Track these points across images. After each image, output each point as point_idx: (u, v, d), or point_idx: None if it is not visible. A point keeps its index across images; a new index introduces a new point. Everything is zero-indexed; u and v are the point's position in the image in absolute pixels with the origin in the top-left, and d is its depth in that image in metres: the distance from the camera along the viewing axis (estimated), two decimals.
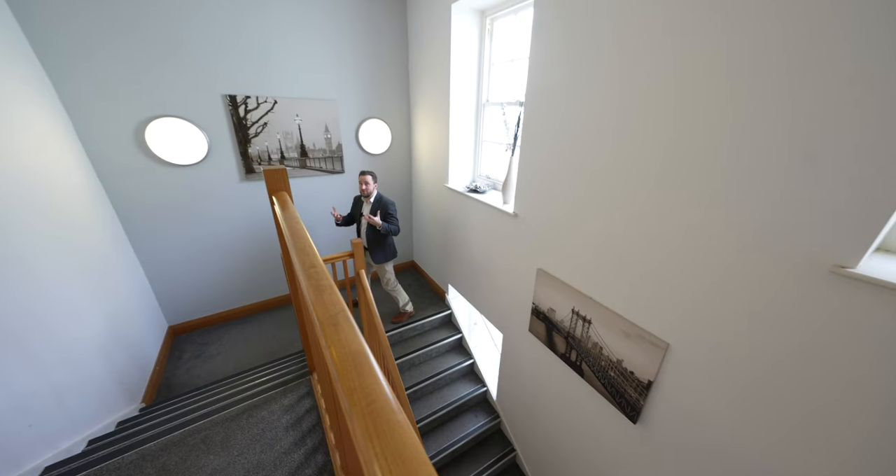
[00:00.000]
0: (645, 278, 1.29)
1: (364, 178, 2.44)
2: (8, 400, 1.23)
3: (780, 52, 0.86)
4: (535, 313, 1.93)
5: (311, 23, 2.53)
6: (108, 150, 2.18)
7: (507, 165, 2.07)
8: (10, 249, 1.36)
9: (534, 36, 1.56)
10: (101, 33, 1.96)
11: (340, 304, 0.52)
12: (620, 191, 1.33)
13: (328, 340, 0.44)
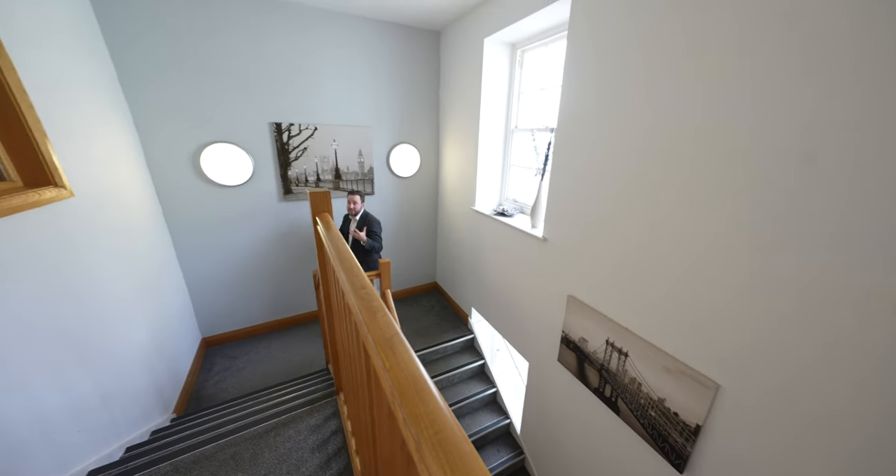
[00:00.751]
0: (689, 310, 1.22)
1: (353, 198, 2.59)
2: (68, 402, 1.31)
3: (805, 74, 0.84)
4: (564, 342, 1.85)
5: (352, 58, 2.76)
6: (168, 171, 2.41)
7: (537, 190, 2.08)
8: (80, 260, 1.50)
9: (566, 66, 1.62)
10: (174, 67, 2.23)
11: (394, 327, 0.53)
12: (657, 215, 1.29)
13: (386, 363, 0.45)
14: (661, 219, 1.28)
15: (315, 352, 2.85)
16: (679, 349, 1.26)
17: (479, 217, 2.76)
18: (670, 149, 1.22)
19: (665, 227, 1.27)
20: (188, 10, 2.17)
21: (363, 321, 0.57)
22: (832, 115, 0.85)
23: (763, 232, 1.00)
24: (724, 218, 1.09)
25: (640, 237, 1.37)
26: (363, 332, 0.57)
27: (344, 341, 1.08)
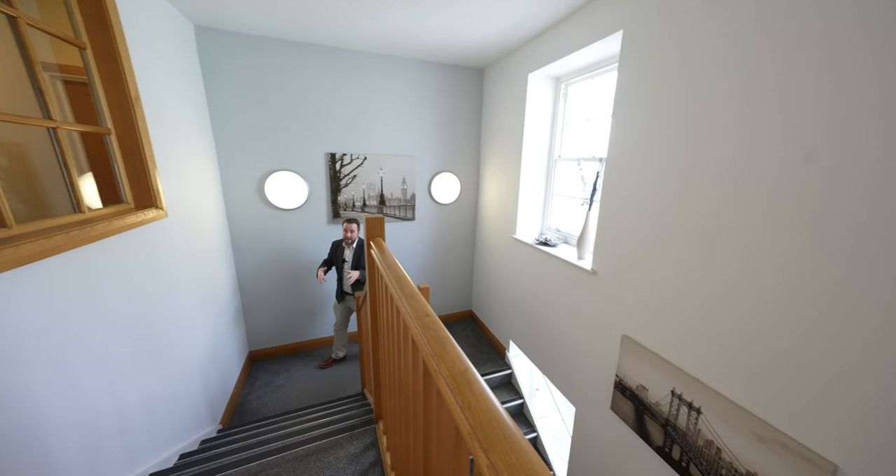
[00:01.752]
0: (784, 363, 1.06)
1: (350, 227, 2.59)
2: (142, 403, 1.42)
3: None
4: (619, 388, 1.67)
5: (401, 95, 3.00)
6: (238, 195, 2.70)
7: (584, 220, 2.02)
8: (165, 272, 1.69)
9: (617, 98, 1.62)
10: (252, 107, 2.57)
11: (466, 360, 0.51)
12: (732, 252, 1.18)
13: (464, 401, 0.43)
14: (739, 255, 1.16)
15: (351, 374, 2.85)
16: (776, 414, 1.07)
17: (519, 246, 2.72)
18: (741, 179, 1.14)
19: (747, 266, 1.15)
20: (273, 61, 2.54)
21: (431, 352, 0.56)
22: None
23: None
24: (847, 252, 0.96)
25: (711, 275, 1.25)
26: (431, 364, 0.56)
27: (393, 369, 1.07)
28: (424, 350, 0.61)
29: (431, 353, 0.56)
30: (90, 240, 1.19)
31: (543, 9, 1.86)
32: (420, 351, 0.65)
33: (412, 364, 0.77)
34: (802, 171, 0.99)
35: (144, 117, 1.59)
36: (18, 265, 0.89)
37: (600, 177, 1.91)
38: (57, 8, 1.36)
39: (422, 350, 0.62)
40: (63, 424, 1.03)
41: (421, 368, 0.67)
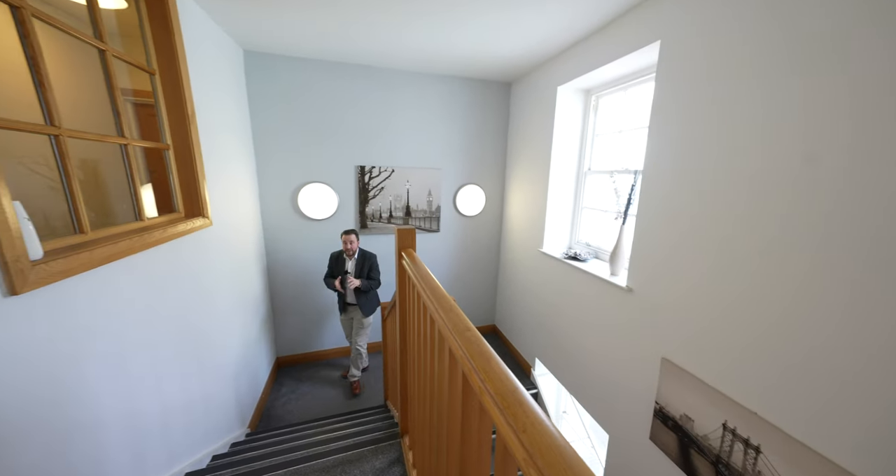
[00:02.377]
0: (864, 395, 0.94)
1: (349, 238, 2.52)
2: (183, 403, 1.49)
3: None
4: (659, 417, 1.55)
5: (429, 109, 3.08)
6: (273, 207, 2.85)
7: (617, 234, 1.94)
8: (209, 277, 1.79)
9: (654, 110, 1.58)
10: (290, 123, 2.74)
11: (514, 378, 0.49)
12: (798, 264, 1.08)
13: (518, 423, 0.41)
14: (804, 272, 1.06)
15: (374, 385, 2.84)
16: (860, 460, 0.93)
17: (546, 260, 2.65)
18: (797, 193, 1.05)
19: (814, 285, 1.05)
20: (310, 79, 2.70)
21: (475, 368, 0.55)
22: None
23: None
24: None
25: (768, 295, 1.15)
26: (475, 381, 0.54)
27: (423, 384, 1.05)
28: (466, 365, 0.59)
29: (475, 368, 0.54)
30: (148, 246, 1.28)
31: (575, 22, 1.87)
32: (460, 366, 0.63)
33: (448, 379, 0.75)
34: (863, 183, 0.90)
35: (198, 133, 1.73)
36: (91, 268, 0.98)
37: (635, 190, 1.84)
38: (134, 40, 1.53)
39: (462, 365, 0.60)
40: (114, 422, 1.09)
41: (460, 384, 0.66)
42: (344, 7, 1.83)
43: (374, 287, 2.60)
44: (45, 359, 0.85)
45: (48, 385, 0.86)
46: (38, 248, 0.82)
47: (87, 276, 0.99)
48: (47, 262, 0.83)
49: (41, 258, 0.83)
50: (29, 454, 0.80)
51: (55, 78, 0.99)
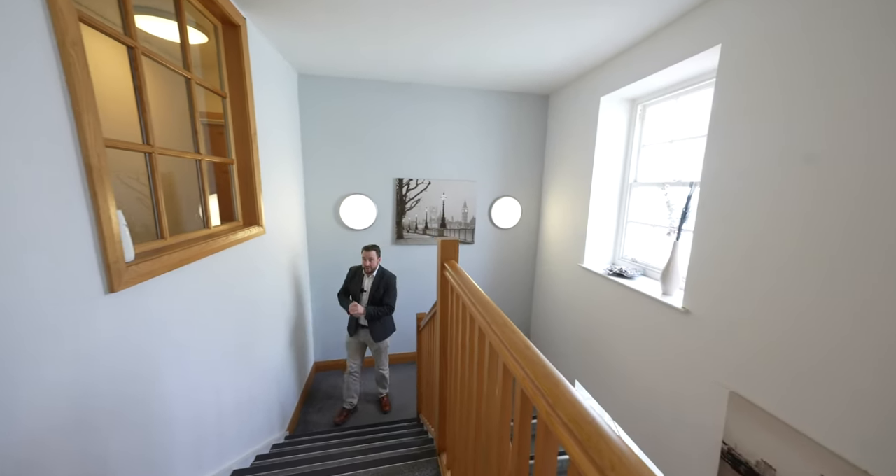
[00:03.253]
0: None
1: (370, 255, 2.38)
2: (234, 401, 1.57)
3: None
4: (728, 459, 1.37)
5: (465, 123, 3.13)
6: (317, 217, 3.01)
7: (671, 251, 1.80)
8: (261, 280, 1.91)
9: (714, 118, 1.47)
10: (333, 138, 2.90)
11: (588, 405, 0.46)
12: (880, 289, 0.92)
13: (602, 459, 0.37)
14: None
15: (407, 396, 2.82)
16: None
17: (588, 276, 2.52)
18: (880, 205, 0.91)
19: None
20: (354, 97, 2.87)
21: (540, 392, 0.51)
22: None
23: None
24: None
25: (869, 326, 0.99)
26: (541, 405, 0.51)
27: (467, 402, 1.02)
28: (529, 388, 0.56)
29: (541, 392, 0.51)
30: (213, 251, 1.40)
31: (623, 32, 1.83)
32: (519, 387, 0.60)
33: (501, 400, 0.72)
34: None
35: (258, 149, 1.89)
36: (169, 270, 1.08)
37: (691, 203, 1.71)
38: (211, 68, 1.73)
39: (525, 387, 0.57)
40: (180, 415, 1.17)
41: (518, 408, 0.62)
42: (392, 35, 1.94)
43: (382, 314, 2.39)
44: (131, 353, 0.94)
45: (131, 378, 0.94)
46: (131, 252, 0.92)
47: (166, 277, 1.09)
48: (137, 264, 0.93)
49: (132, 260, 0.93)
50: (115, 442, 0.87)
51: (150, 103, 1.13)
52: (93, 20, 0.88)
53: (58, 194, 0.73)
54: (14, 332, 0.64)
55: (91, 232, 0.79)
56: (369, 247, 2.43)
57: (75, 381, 0.77)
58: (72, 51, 0.74)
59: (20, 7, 0.66)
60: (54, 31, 0.72)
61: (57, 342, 0.72)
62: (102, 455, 0.84)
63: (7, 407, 0.62)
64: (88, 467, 0.80)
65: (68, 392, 0.75)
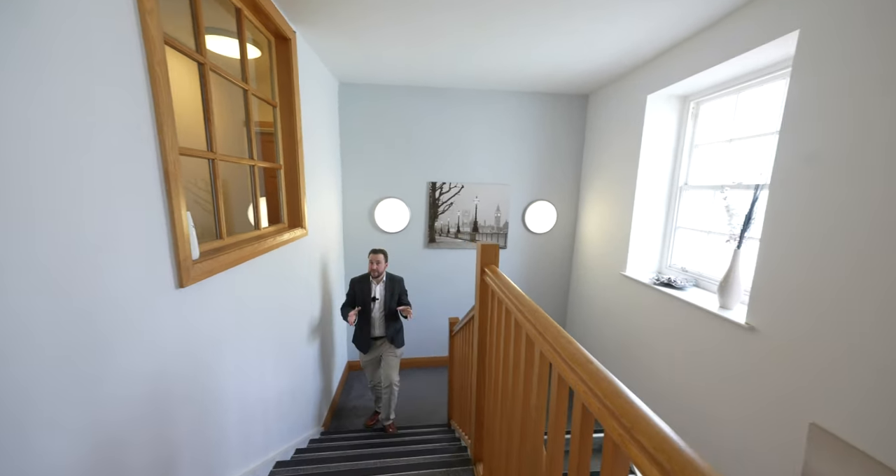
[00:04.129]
0: None
1: (377, 258, 2.21)
2: (276, 395, 1.65)
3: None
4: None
5: (500, 126, 3.09)
6: (353, 219, 3.11)
7: (730, 260, 1.64)
8: (302, 280, 1.99)
9: (788, 111, 1.32)
10: (369, 143, 2.98)
11: (667, 427, 0.41)
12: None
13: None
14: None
15: (437, 400, 2.81)
16: None
17: (631, 285, 2.37)
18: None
19: None
20: (391, 104, 2.95)
21: (614, 411, 0.47)
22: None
23: None
24: None
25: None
26: (612, 426, 0.47)
27: (511, 413, 0.98)
28: (594, 404, 0.52)
29: (614, 412, 0.47)
30: (263, 251, 1.48)
31: (676, 24, 1.71)
32: (585, 403, 0.56)
33: (555, 415, 0.68)
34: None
35: (303, 155, 1.99)
36: (227, 268, 1.15)
37: (756, 207, 1.55)
38: (263, 80, 1.85)
39: (590, 404, 0.53)
40: (233, 404, 1.24)
41: (578, 422, 0.58)
42: (433, 41, 1.96)
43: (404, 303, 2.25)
44: (195, 344, 1.01)
45: (195, 367, 1.01)
46: (196, 251, 0.99)
47: (223, 275, 1.17)
48: (201, 262, 1.00)
49: (198, 259, 1.01)
50: (180, 426, 0.94)
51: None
52: (173, 41, 0.97)
53: (144, 196, 0.80)
54: (107, 322, 0.71)
55: (166, 231, 0.86)
56: (377, 250, 2.25)
57: (153, 369, 0.84)
58: (157, 69, 0.82)
59: (122, 32, 0.74)
60: (145, 52, 0.80)
61: (138, 333, 0.79)
62: (171, 437, 0.90)
63: (97, 393, 0.69)
64: (160, 450, 0.87)
65: (147, 378, 0.82)
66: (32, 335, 0.57)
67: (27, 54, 0.56)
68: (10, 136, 0.53)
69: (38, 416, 0.58)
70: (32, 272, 0.57)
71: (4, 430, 0.53)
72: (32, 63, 0.56)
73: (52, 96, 0.60)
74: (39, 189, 0.58)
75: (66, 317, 0.62)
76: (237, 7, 1.42)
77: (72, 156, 0.64)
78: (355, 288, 2.29)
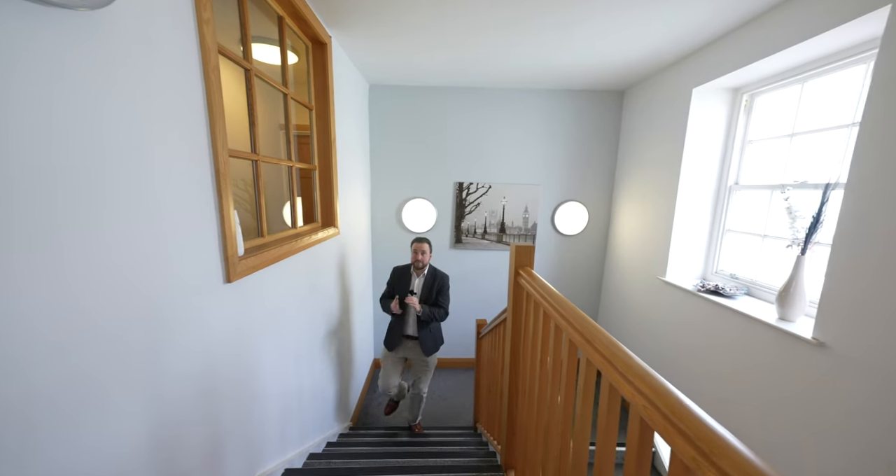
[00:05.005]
0: None
1: (422, 247, 1.96)
2: (310, 389, 1.71)
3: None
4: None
5: (530, 125, 3.01)
6: (381, 219, 3.15)
7: (793, 267, 1.49)
8: (332, 280, 2.05)
9: (871, 98, 1.17)
10: (397, 143, 3.01)
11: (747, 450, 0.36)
12: None
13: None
14: None
15: (461, 403, 2.78)
16: None
17: (670, 291, 2.22)
18: None
19: None
20: (420, 104, 2.96)
21: (682, 431, 0.43)
22: None
23: None
24: None
25: None
26: (685, 448, 0.42)
27: (548, 421, 0.94)
28: (657, 422, 0.47)
29: (687, 432, 0.42)
30: (299, 249, 1.53)
31: (730, 8, 1.58)
32: (644, 417, 0.51)
33: (605, 427, 0.63)
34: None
35: (337, 156, 2.04)
36: (266, 265, 1.19)
37: (826, 209, 1.39)
38: (299, 84, 1.92)
39: (654, 421, 0.49)
40: (272, 396, 1.29)
41: (636, 436, 0.53)
42: (466, 41, 1.94)
43: (437, 318, 2.00)
44: (239, 337, 1.06)
45: (239, 359, 1.06)
46: (241, 248, 1.04)
47: (264, 271, 1.22)
48: (246, 259, 1.04)
49: (243, 255, 1.05)
50: (225, 416, 0.98)
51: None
52: (224, 49, 1.02)
53: (200, 196, 0.85)
54: (167, 316, 0.75)
55: (216, 229, 0.91)
56: (421, 239, 2.03)
57: (203, 359, 0.88)
58: (212, 75, 0.86)
59: (184, 41, 0.79)
60: (202, 60, 0.84)
61: (191, 325, 0.84)
62: (220, 419, 0.95)
63: (157, 382, 0.73)
64: (211, 428, 0.92)
65: (199, 368, 0.86)
66: (106, 326, 0.61)
67: (104, 66, 0.60)
68: (88, 141, 0.58)
69: (113, 398, 0.62)
70: (107, 271, 0.61)
71: (87, 409, 0.57)
72: (109, 74, 0.61)
73: (123, 104, 0.64)
74: (111, 194, 0.62)
75: (135, 311, 0.67)
76: (279, 15, 1.48)
77: (144, 161, 0.68)
78: (395, 276, 2.10)
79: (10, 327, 0.47)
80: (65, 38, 0.53)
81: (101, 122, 0.60)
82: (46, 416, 0.52)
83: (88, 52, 0.57)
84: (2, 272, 0.46)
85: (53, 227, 0.52)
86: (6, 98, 0.46)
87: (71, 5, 0.51)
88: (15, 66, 0.47)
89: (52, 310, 0.52)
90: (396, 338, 2.04)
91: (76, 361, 0.56)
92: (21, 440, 0.49)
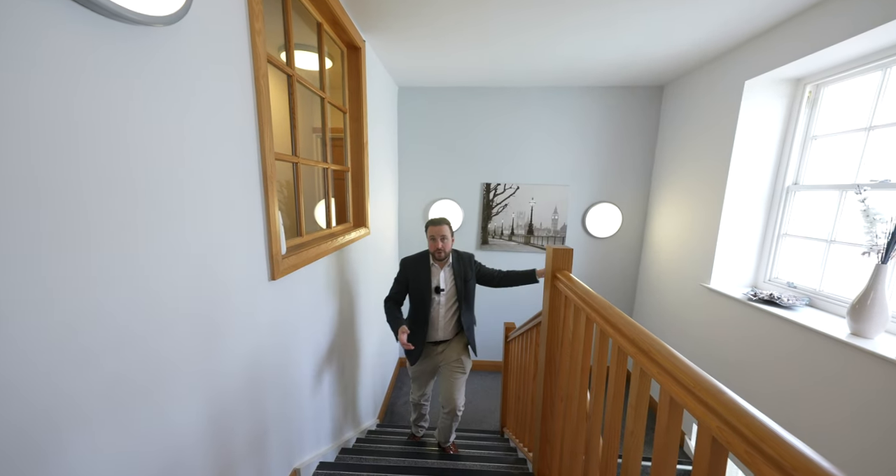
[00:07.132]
0: None
1: (440, 230, 1.53)
2: (343, 381, 1.75)
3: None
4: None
5: (561, 124, 2.92)
6: (408, 220, 3.18)
7: (870, 277, 1.33)
8: (363, 278, 2.09)
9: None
10: (425, 144, 3.03)
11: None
12: None
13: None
14: None
15: (489, 406, 2.74)
16: None
17: (716, 300, 2.06)
18: None
19: None
20: (448, 105, 2.96)
21: (767, 454, 0.38)
22: None
23: None
24: None
25: None
26: (759, 465, 0.38)
27: (588, 431, 0.89)
28: (737, 447, 0.43)
29: (788, 466, 0.38)
30: (334, 249, 1.56)
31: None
32: (716, 436, 0.47)
33: (664, 445, 0.59)
34: None
35: (368, 158, 2.08)
36: (305, 264, 1.23)
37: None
38: (334, 88, 1.97)
39: (732, 446, 0.44)
40: (308, 387, 1.33)
41: (706, 462, 0.49)
42: (497, 41, 1.92)
43: (504, 283, 1.62)
44: (283, 330, 1.10)
45: (282, 351, 1.10)
46: (284, 246, 1.08)
47: (303, 269, 1.26)
48: (288, 257, 1.08)
49: (285, 254, 1.09)
50: (270, 404, 1.03)
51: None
52: (272, 58, 1.07)
53: (249, 197, 0.89)
54: (221, 311, 0.79)
55: (263, 229, 0.94)
56: (438, 220, 1.57)
57: (250, 351, 0.92)
58: (261, 82, 0.90)
59: (238, 50, 0.84)
60: (253, 68, 0.88)
61: (241, 320, 0.88)
62: (265, 407, 0.99)
63: (212, 372, 0.77)
64: (256, 417, 0.96)
65: (246, 359, 0.91)
66: (173, 322, 0.65)
67: (179, 76, 0.64)
68: (164, 149, 0.62)
69: (177, 386, 0.66)
70: (176, 265, 0.65)
71: (150, 400, 0.61)
72: (184, 84, 0.65)
73: (193, 109, 0.68)
74: (188, 201, 0.66)
75: (196, 305, 0.71)
76: (318, 21, 1.53)
77: (209, 168, 0.72)
78: (408, 272, 1.63)
79: (93, 318, 0.51)
80: (137, 54, 0.57)
81: (180, 132, 0.64)
82: (132, 396, 0.57)
83: (163, 67, 0.61)
84: (92, 270, 0.50)
85: (149, 228, 0.58)
86: (121, 110, 0.50)
87: (148, 22, 0.55)
88: (119, 83, 0.51)
89: (133, 303, 0.57)
90: (418, 350, 1.62)
91: (154, 346, 0.61)
92: (112, 414, 0.54)
